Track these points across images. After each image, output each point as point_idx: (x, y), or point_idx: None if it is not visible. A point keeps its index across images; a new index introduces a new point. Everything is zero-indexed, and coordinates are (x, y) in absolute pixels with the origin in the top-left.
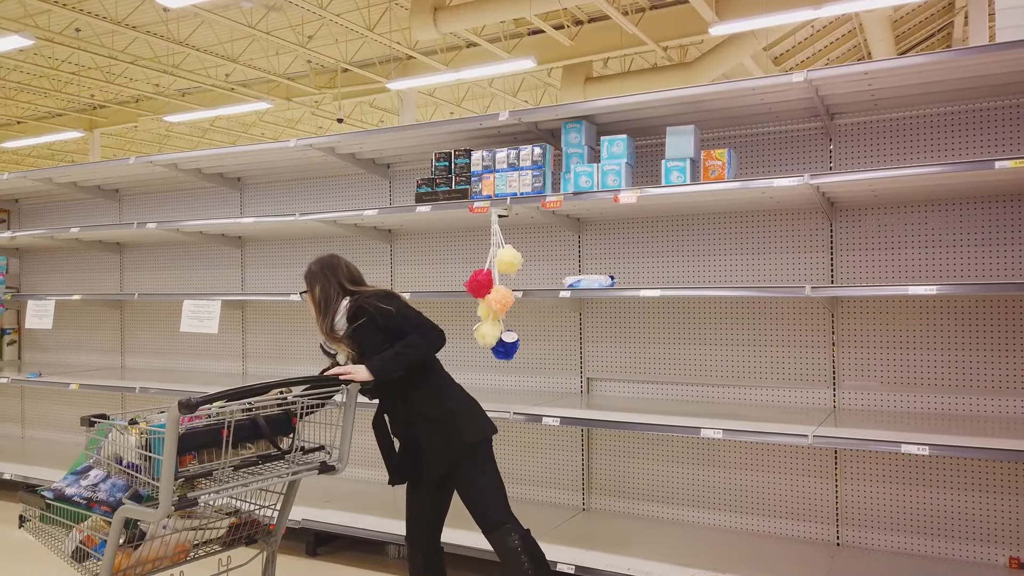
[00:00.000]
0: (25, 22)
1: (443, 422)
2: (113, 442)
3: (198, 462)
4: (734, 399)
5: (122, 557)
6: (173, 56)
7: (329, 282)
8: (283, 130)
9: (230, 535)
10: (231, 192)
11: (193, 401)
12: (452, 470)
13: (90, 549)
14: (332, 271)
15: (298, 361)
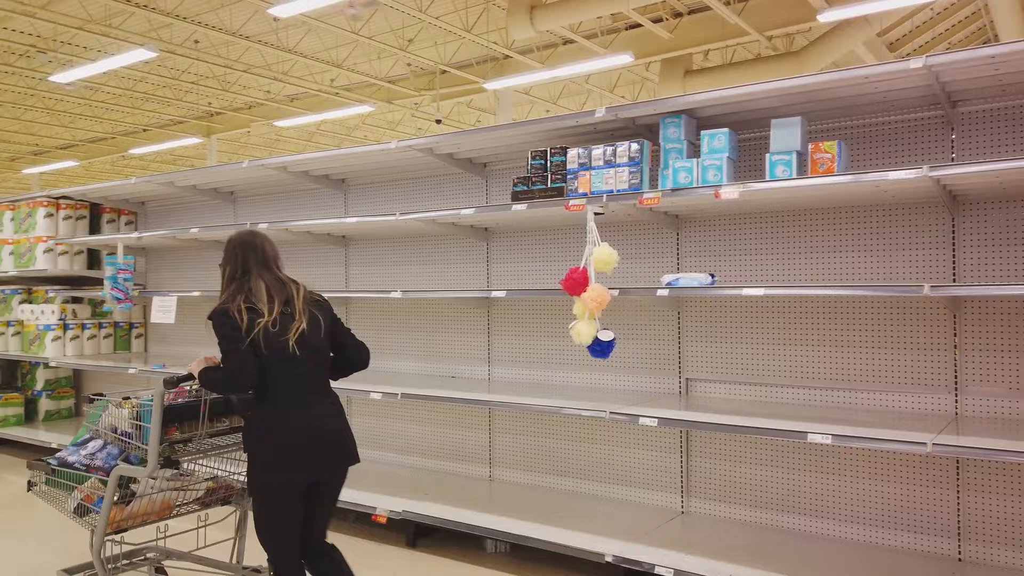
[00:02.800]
0: (150, 35)
1: (248, 455)
2: (110, 415)
3: (180, 432)
4: (842, 403)
5: (116, 511)
6: (282, 63)
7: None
8: (384, 132)
9: (208, 496)
10: (336, 193)
11: (174, 379)
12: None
13: (90, 505)
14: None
15: (399, 356)
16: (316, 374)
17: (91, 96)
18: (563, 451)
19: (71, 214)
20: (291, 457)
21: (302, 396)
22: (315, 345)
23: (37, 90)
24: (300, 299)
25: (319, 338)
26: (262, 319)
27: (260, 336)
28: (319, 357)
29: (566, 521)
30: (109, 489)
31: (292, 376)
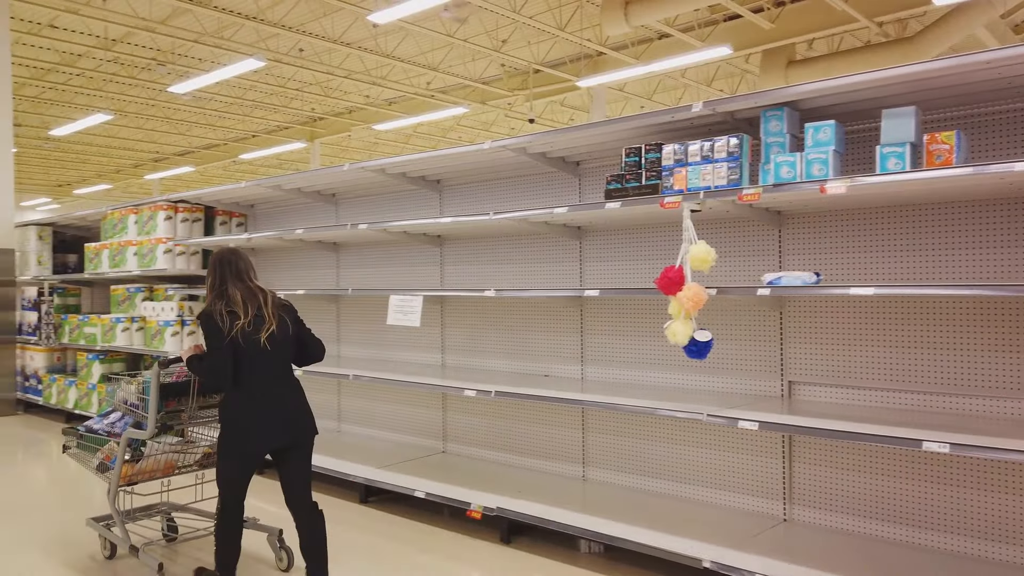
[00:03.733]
0: (258, 46)
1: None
2: (122, 390)
3: (178, 405)
4: (959, 409)
5: (127, 468)
6: (381, 68)
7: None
8: (478, 133)
9: (205, 459)
10: (431, 193)
11: (166, 361)
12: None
13: (108, 463)
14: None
15: (493, 355)
16: (281, 365)
17: (205, 105)
18: (658, 453)
19: (188, 217)
20: (254, 430)
21: (269, 382)
22: (281, 341)
23: (157, 101)
24: (269, 305)
25: (285, 336)
26: (239, 321)
27: (238, 334)
28: (284, 351)
29: (661, 524)
30: (120, 449)
31: (262, 366)
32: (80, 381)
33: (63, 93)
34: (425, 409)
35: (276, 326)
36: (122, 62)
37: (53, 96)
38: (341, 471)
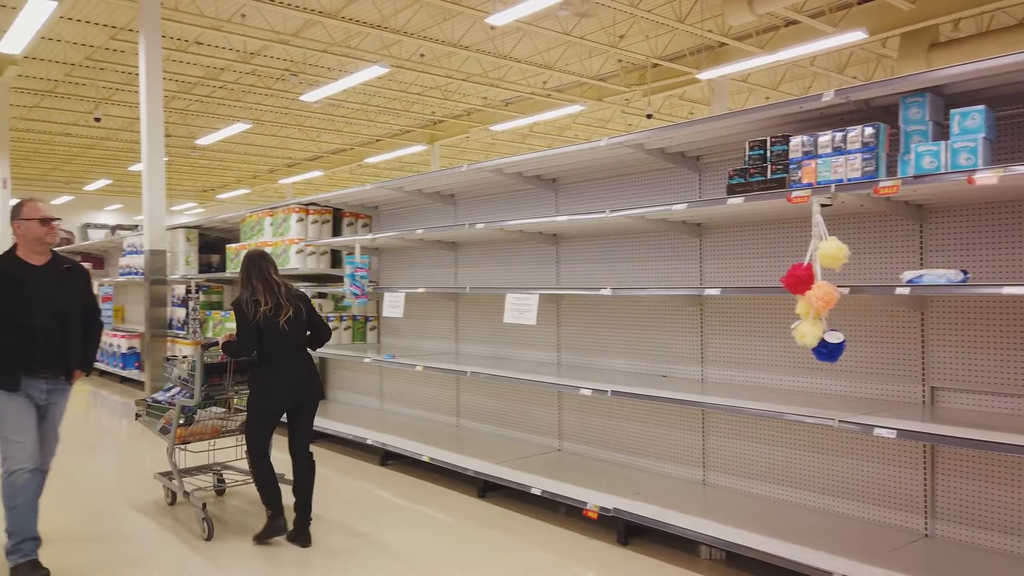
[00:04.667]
0: (382, 53)
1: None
2: (177, 368)
3: (221, 381)
4: None
5: (182, 430)
6: (498, 70)
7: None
8: (594, 130)
9: (244, 427)
10: (547, 192)
11: (207, 343)
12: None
13: (167, 426)
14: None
15: (609, 354)
16: (296, 343)
17: (333, 112)
18: (784, 459)
19: (318, 218)
20: (274, 394)
21: (287, 357)
22: (297, 325)
23: (290, 109)
24: (285, 295)
25: (300, 319)
26: (261, 307)
27: (261, 319)
28: (299, 332)
29: (788, 533)
30: (175, 414)
31: (281, 344)
32: None
33: (207, 105)
34: (541, 407)
35: (292, 312)
36: (259, 74)
37: (198, 108)
38: (459, 465)
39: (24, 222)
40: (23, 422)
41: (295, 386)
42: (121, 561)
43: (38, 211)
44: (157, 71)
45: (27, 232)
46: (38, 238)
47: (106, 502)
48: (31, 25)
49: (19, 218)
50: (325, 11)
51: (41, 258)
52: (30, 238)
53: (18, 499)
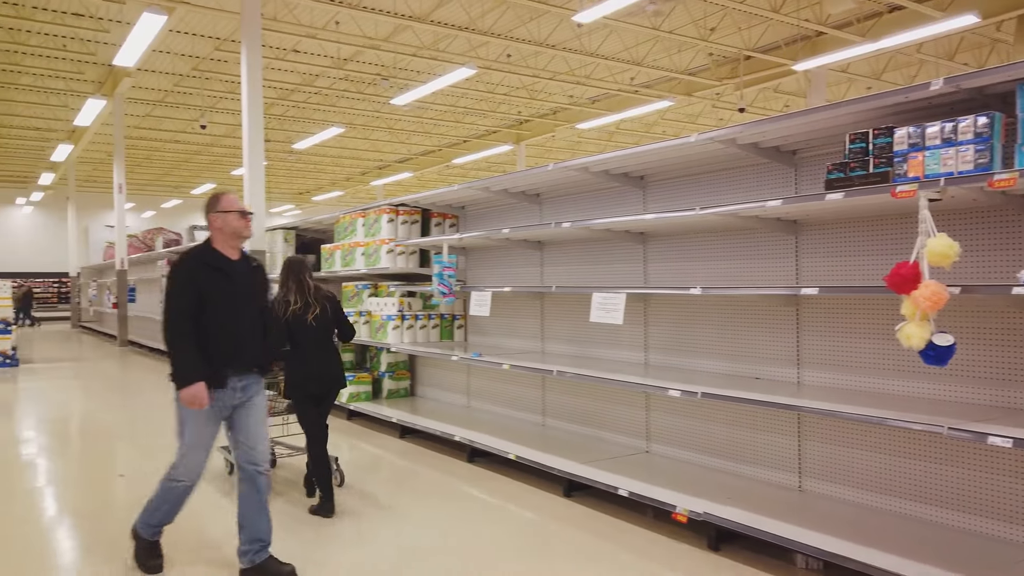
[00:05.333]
0: (470, 55)
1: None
2: None
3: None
4: None
5: None
6: (585, 67)
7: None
8: (683, 126)
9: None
10: (634, 190)
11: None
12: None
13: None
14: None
15: (699, 355)
16: (322, 337)
17: (422, 114)
18: (887, 467)
19: (407, 219)
20: (303, 380)
21: (314, 349)
22: (324, 321)
23: (381, 113)
24: (314, 296)
25: (327, 317)
26: (291, 306)
27: (291, 316)
28: (325, 328)
29: (891, 545)
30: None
31: (309, 338)
32: None
33: (303, 110)
34: (628, 407)
35: (319, 310)
36: (351, 79)
37: (295, 113)
38: (546, 464)
39: (222, 215)
40: (207, 435)
41: (321, 375)
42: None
43: (236, 204)
44: (257, 79)
45: (225, 225)
46: (236, 231)
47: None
48: (143, 39)
49: (217, 210)
50: (415, 15)
51: (236, 253)
52: (228, 231)
53: (167, 506)
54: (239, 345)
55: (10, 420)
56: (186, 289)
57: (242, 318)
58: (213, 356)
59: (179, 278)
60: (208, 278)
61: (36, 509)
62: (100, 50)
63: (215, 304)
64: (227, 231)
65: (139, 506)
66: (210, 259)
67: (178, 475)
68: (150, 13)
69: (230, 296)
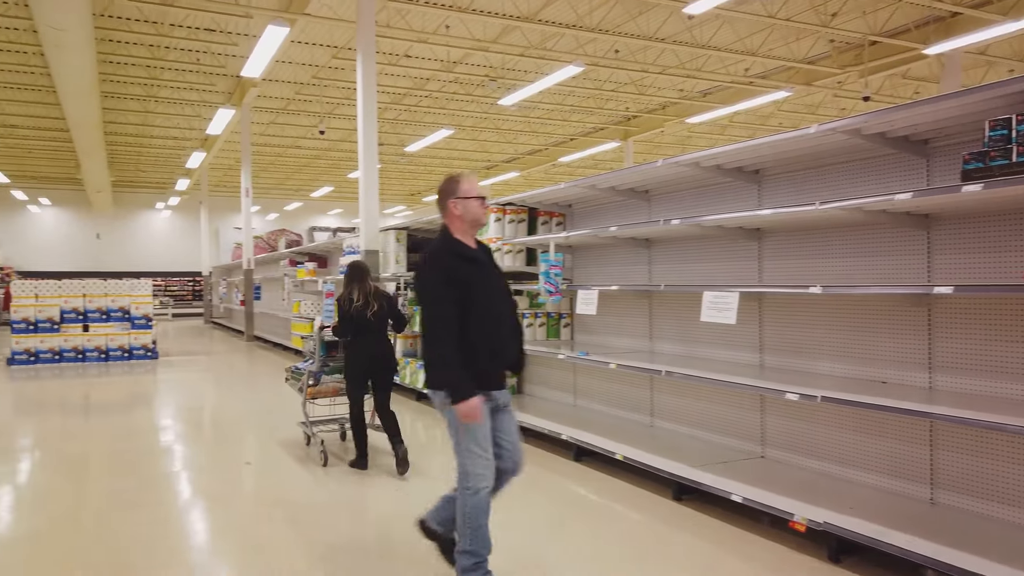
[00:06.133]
0: (577, 52)
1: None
2: (308, 344)
3: (336, 354)
4: None
5: (311, 390)
6: (695, 60)
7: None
8: (802, 117)
9: None
10: (748, 186)
11: (322, 326)
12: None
13: (301, 386)
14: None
15: (818, 357)
16: (378, 329)
17: (529, 114)
18: None
19: (514, 218)
20: (358, 364)
21: (372, 337)
22: (381, 316)
23: (488, 114)
24: (373, 295)
25: (383, 313)
26: (354, 303)
27: (353, 312)
28: (382, 322)
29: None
30: (305, 377)
31: (366, 329)
32: None
33: (415, 114)
34: (741, 410)
35: (376, 307)
36: (460, 81)
37: (407, 117)
38: (654, 466)
39: (463, 201)
40: (487, 433)
41: (374, 361)
42: (265, 477)
43: (477, 188)
44: (372, 85)
45: (466, 212)
46: (476, 218)
47: (263, 441)
48: (267, 50)
49: (457, 196)
50: (522, 16)
51: (474, 242)
52: (469, 219)
53: (482, 519)
54: (503, 343)
55: (150, 409)
56: (448, 292)
57: (502, 313)
58: (480, 357)
59: (436, 279)
60: (466, 272)
61: (172, 492)
62: (230, 63)
63: (476, 301)
64: (468, 218)
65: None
66: (461, 250)
67: (475, 483)
68: (274, 26)
69: (488, 290)
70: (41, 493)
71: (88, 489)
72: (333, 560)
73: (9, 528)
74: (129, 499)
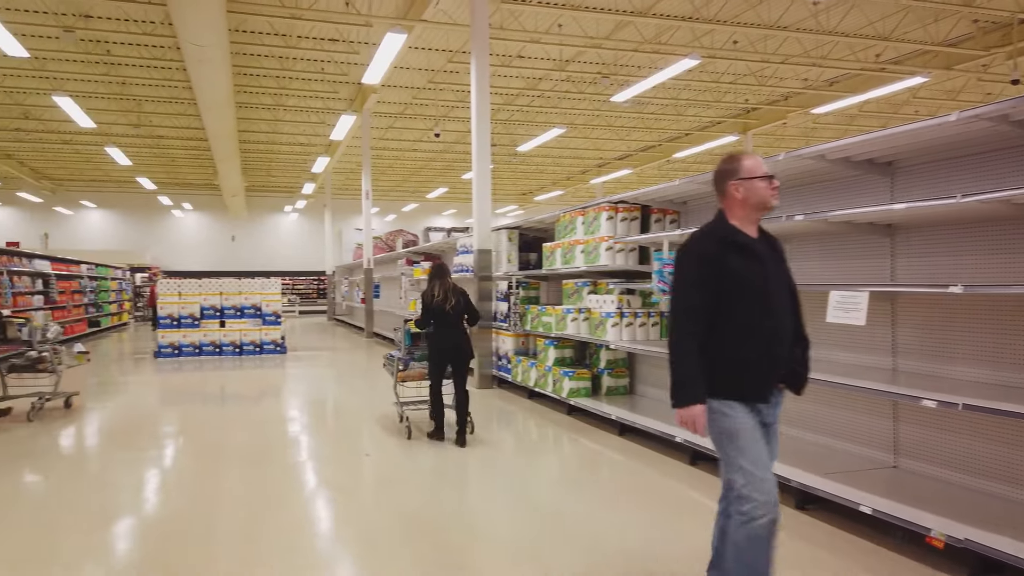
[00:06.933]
0: (693, 45)
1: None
2: (397, 334)
3: (420, 343)
4: None
5: (400, 375)
6: (821, 48)
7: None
8: (940, 104)
9: None
10: (879, 179)
11: (407, 318)
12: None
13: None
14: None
15: (958, 360)
16: (455, 321)
17: (642, 110)
18: None
19: (626, 216)
20: (439, 353)
21: (448, 329)
22: (457, 310)
23: (601, 111)
24: (452, 291)
25: (459, 306)
26: (435, 298)
27: (434, 305)
28: (458, 314)
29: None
30: (395, 363)
31: (445, 322)
32: (539, 364)
33: (527, 114)
34: (870, 417)
35: (454, 302)
36: (573, 80)
37: (519, 117)
38: (776, 473)
39: (746, 182)
40: (762, 448)
41: (452, 349)
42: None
43: (761, 167)
44: (485, 87)
45: (750, 195)
46: (763, 202)
47: (362, 418)
48: (386, 57)
49: (740, 176)
50: (636, 11)
51: (755, 229)
52: (753, 202)
53: (758, 557)
54: (776, 349)
55: (278, 400)
56: (701, 280)
57: (779, 315)
58: (750, 363)
59: (691, 265)
60: (734, 261)
61: (299, 481)
62: (351, 71)
63: (745, 295)
64: (752, 202)
65: (386, 484)
66: (734, 236)
67: (751, 509)
68: (392, 33)
69: (763, 285)
70: (183, 477)
71: (223, 475)
72: (411, 520)
73: (155, 508)
74: (259, 484)
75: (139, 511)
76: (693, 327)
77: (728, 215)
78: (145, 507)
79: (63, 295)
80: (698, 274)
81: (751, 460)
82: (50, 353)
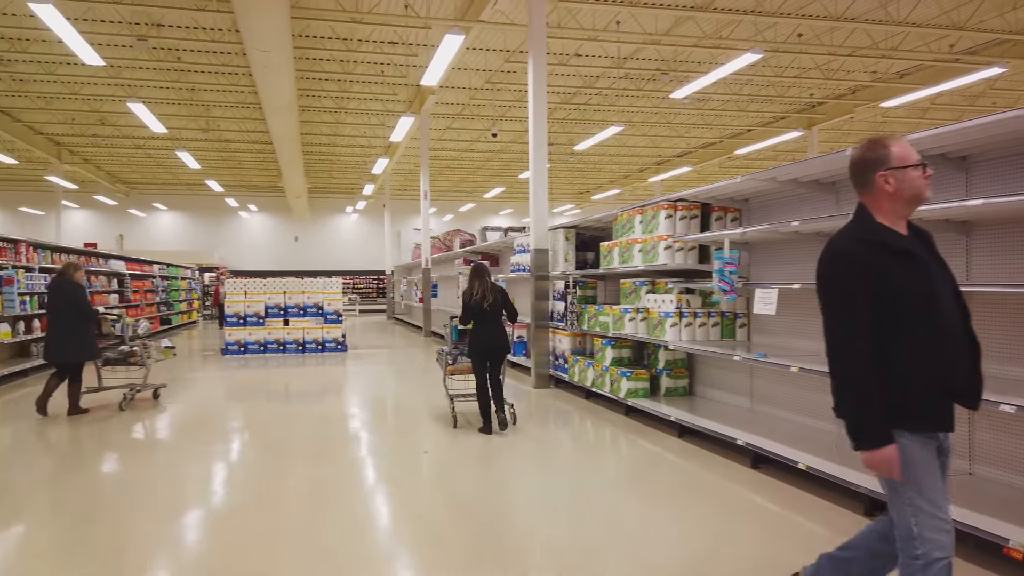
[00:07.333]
0: (755, 39)
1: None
2: (447, 329)
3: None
4: None
5: (449, 368)
6: (891, 39)
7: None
8: (1018, 96)
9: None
10: (954, 173)
11: (453, 316)
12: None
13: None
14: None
15: None
16: (495, 318)
17: (703, 106)
18: None
19: (685, 214)
20: (479, 346)
21: (487, 325)
22: (495, 307)
23: (660, 108)
24: (490, 289)
25: (497, 303)
26: (474, 296)
27: (472, 304)
28: (496, 311)
29: None
30: (443, 358)
31: (484, 318)
32: (596, 363)
33: (584, 112)
34: None
35: (492, 299)
36: (631, 77)
37: (576, 116)
38: (842, 477)
39: (897, 172)
40: (938, 484)
41: (490, 343)
42: (409, 433)
43: (914, 154)
44: (542, 86)
45: (903, 187)
46: (917, 194)
47: (417, 409)
48: (445, 58)
49: (888, 166)
50: (696, 5)
51: (904, 226)
52: (907, 195)
53: None
54: (954, 366)
55: (340, 397)
56: (862, 297)
57: (951, 325)
58: (919, 386)
59: (845, 280)
60: (898, 272)
61: (359, 477)
62: (410, 73)
63: (912, 309)
64: (905, 195)
65: (442, 481)
66: (888, 239)
67: (928, 550)
68: (451, 35)
69: (929, 293)
70: (249, 472)
71: (287, 470)
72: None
73: (222, 501)
74: (322, 479)
75: (211, 500)
76: (864, 355)
77: (874, 212)
78: (216, 497)
79: (136, 294)
80: (856, 291)
81: (927, 496)
82: (140, 348)
